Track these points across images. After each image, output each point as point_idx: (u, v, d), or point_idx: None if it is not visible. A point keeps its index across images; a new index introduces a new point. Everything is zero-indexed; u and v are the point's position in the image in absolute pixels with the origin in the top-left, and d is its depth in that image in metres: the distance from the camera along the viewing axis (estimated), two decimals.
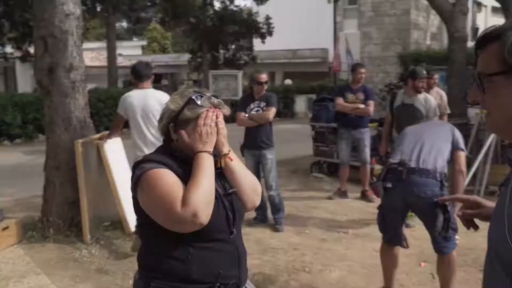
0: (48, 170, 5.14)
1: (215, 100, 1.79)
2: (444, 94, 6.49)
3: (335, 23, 18.77)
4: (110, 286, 3.90)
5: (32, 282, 3.97)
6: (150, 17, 35.08)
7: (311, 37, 23.46)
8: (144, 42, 39.57)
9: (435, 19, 19.61)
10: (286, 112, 19.32)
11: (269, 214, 5.42)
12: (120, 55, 29.59)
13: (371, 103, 6.23)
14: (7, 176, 8.18)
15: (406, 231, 3.66)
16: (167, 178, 1.67)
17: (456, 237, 3.30)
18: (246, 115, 5.30)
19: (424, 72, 5.37)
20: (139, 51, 35.73)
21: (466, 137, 5.16)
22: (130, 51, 32.61)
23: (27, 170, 8.22)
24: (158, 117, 1.92)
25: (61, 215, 5.00)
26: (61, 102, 4.98)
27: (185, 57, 23.55)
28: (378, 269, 3.77)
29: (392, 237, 3.50)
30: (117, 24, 51.10)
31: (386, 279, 3.60)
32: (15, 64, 21.44)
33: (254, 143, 5.26)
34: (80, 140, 4.88)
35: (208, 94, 1.80)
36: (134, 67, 4.70)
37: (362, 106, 6.19)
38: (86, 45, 32.56)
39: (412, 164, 3.28)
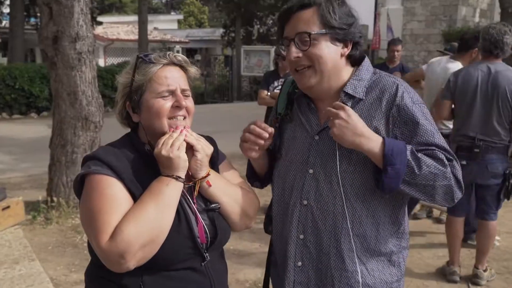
0: (53, 147, 4.83)
1: (171, 55, 1.34)
2: None
3: None
4: None
5: (24, 269, 3.67)
6: None
7: None
8: (181, 16, 39.23)
9: None
10: None
11: None
12: (155, 29, 29.43)
13: None
14: (26, 150, 7.97)
15: None
16: (105, 191, 1.23)
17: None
18: (269, 93, 4.82)
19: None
20: (175, 25, 35.51)
21: None
22: (166, 25, 32.44)
23: (47, 145, 7.98)
24: None
25: (66, 196, 4.69)
26: (66, 75, 4.61)
27: (220, 32, 23.01)
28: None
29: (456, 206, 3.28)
30: None
31: (450, 253, 3.49)
32: None
33: None
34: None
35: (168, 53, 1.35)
36: None
37: None
38: (123, 18, 32.66)
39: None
